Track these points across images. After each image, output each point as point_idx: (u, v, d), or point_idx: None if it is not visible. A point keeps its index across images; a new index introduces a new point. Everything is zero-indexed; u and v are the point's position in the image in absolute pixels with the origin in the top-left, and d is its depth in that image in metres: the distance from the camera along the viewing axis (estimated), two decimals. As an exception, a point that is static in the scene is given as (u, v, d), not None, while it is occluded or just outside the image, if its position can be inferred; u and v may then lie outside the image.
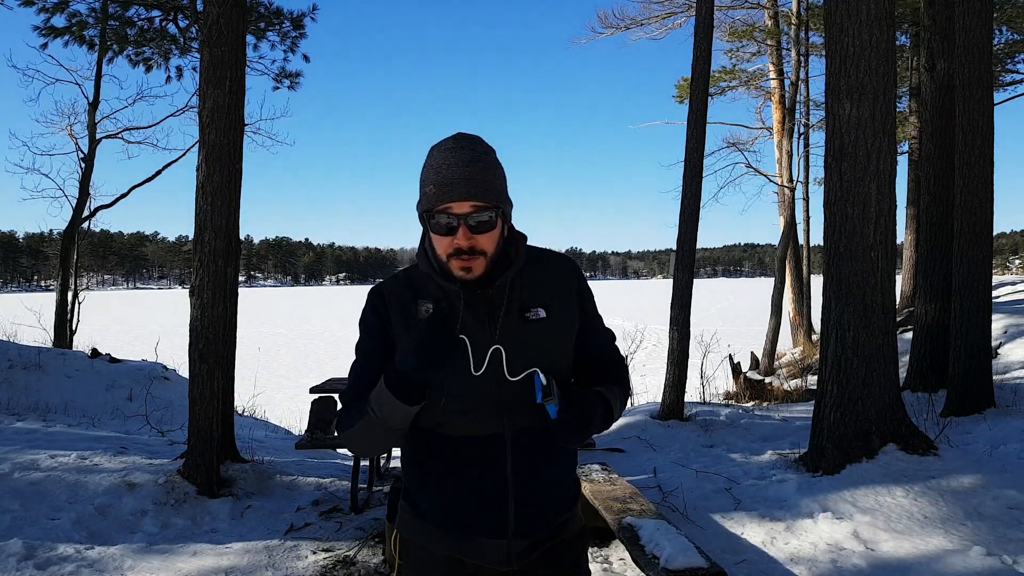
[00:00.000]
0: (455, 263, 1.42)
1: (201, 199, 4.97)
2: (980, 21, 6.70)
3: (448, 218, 1.40)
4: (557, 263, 1.60)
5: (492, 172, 1.44)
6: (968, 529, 4.01)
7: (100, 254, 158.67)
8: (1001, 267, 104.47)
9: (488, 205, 1.40)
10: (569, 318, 1.56)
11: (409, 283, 1.55)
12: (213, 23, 4.97)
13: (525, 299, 1.52)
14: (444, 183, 1.39)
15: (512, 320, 1.49)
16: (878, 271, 5.03)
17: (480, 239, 1.41)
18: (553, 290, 1.55)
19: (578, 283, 1.61)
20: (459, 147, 1.43)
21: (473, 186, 1.38)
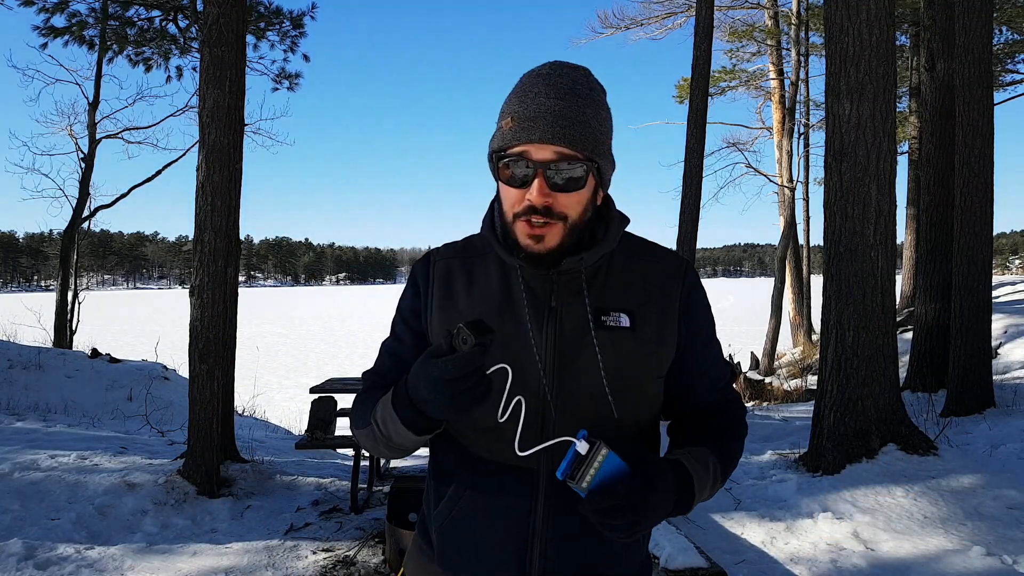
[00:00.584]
0: (522, 226, 1.08)
1: (201, 199, 4.97)
2: (980, 21, 6.70)
3: (523, 164, 1.06)
4: (661, 260, 1.21)
5: (594, 113, 1.08)
6: (968, 529, 4.01)
7: (100, 254, 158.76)
8: (1001, 267, 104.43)
9: (580, 156, 1.05)
10: (664, 336, 1.16)
11: (466, 251, 1.25)
12: (213, 23, 4.97)
13: (605, 297, 1.15)
14: (526, 116, 1.05)
15: (582, 320, 1.13)
16: (878, 271, 5.03)
17: (561, 199, 1.06)
18: (646, 294, 1.17)
19: (687, 293, 1.19)
20: (555, 74, 1.08)
21: (563, 125, 1.04)
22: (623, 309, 1.14)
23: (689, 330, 1.19)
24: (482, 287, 1.19)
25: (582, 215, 1.10)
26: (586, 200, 1.10)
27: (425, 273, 1.25)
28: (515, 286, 1.16)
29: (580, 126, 1.05)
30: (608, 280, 1.17)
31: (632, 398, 1.14)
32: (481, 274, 1.21)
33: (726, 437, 1.21)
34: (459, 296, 1.20)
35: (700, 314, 1.22)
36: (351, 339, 29.33)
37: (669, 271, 1.20)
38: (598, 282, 1.16)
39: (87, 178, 13.85)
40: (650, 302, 1.16)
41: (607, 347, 1.11)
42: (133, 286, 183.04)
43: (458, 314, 1.17)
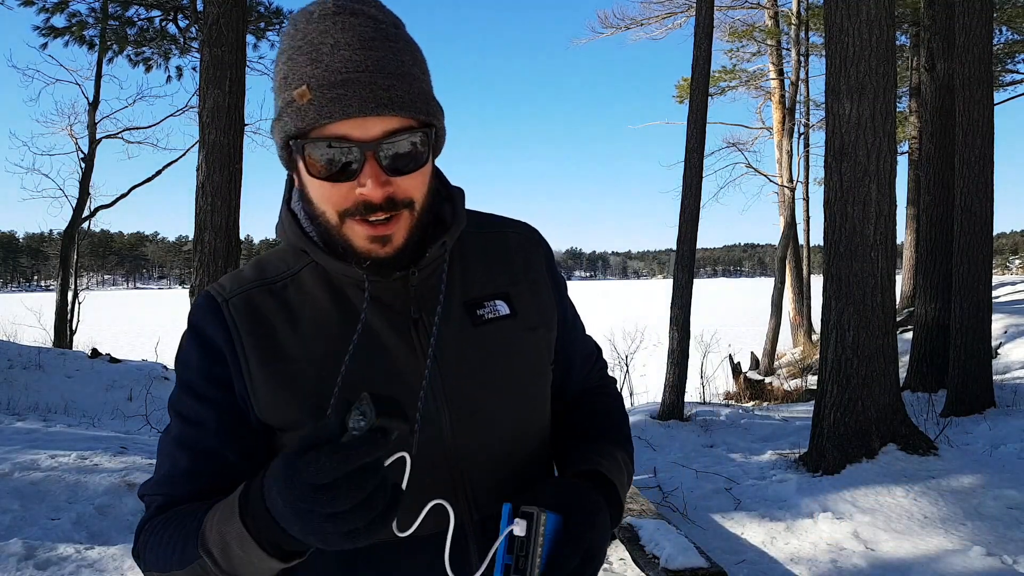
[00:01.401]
0: (360, 230, 0.81)
1: (201, 199, 4.97)
2: (980, 21, 6.70)
3: (343, 149, 0.78)
4: (512, 228, 1.02)
5: (412, 57, 0.82)
6: (968, 529, 4.01)
7: (100, 254, 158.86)
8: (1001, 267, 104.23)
9: (415, 122, 0.81)
10: (545, 313, 0.98)
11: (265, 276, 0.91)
12: (213, 23, 4.98)
13: (471, 286, 0.93)
14: (329, 82, 0.77)
15: (455, 323, 0.90)
16: (878, 271, 5.03)
17: (403, 183, 0.81)
18: (512, 271, 0.97)
19: (548, 260, 1.03)
20: (347, 14, 0.79)
21: (386, 84, 0.77)
22: (496, 294, 0.94)
23: (562, 304, 1.03)
24: (311, 319, 0.88)
25: (428, 196, 0.86)
26: (429, 176, 0.86)
27: (217, 320, 0.87)
28: (357, 303, 0.87)
29: (405, 81, 0.79)
30: (467, 266, 0.94)
31: (539, 398, 0.96)
32: (302, 303, 0.89)
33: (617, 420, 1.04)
34: (283, 340, 0.87)
35: (562, 283, 1.05)
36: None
37: (526, 239, 1.01)
38: (456, 272, 0.93)
39: (87, 178, 13.86)
40: (517, 278, 0.97)
41: (496, 345, 0.91)
42: (133, 286, 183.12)
43: (294, 364, 0.86)
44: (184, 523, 0.81)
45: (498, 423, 0.90)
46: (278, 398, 0.85)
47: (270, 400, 0.86)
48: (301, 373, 0.85)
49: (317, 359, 0.86)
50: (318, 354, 0.86)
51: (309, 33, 0.79)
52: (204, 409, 0.87)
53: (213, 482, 0.85)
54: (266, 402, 0.86)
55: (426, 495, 0.77)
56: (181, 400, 0.89)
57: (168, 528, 0.83)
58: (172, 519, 0.83)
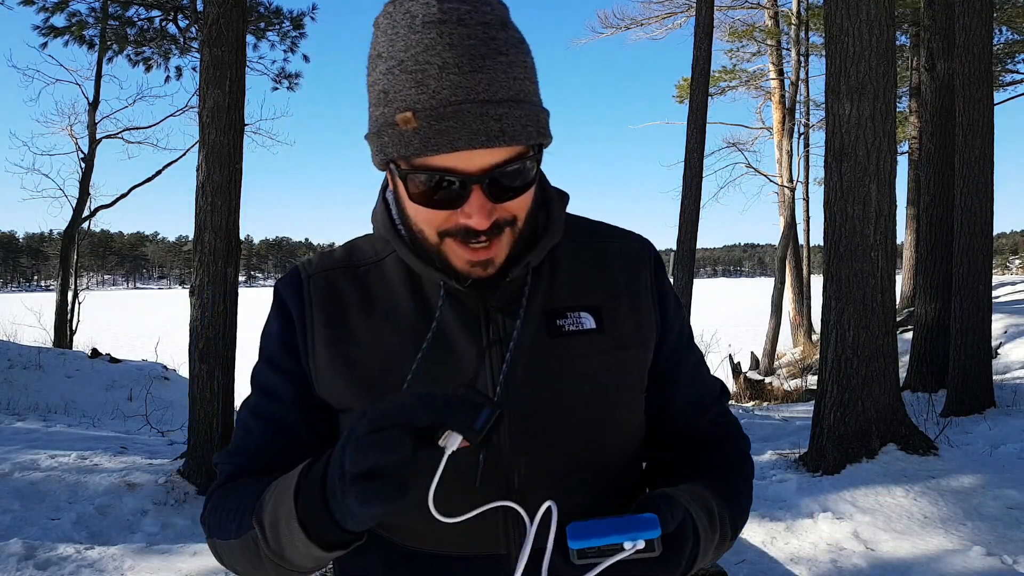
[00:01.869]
0: (461, 252, 0.78)
1: (201, 199, 4.97)
2: (980, 21, 6.70)
3: (449, 180, 0.74)
4: (618, 239, 0.95)
5: (523, 68, 0.76)
6: (968, 529, 4.01)
7: (100, 254, 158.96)
8: (1001, 267, 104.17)
9: (526, 150, 0.76)
10: (643, 334, 0.89)
11: (352, 259, 0.92)
12: (213, 23, 4.97)
13: (556, 296, 0.87)
14: (435, 112, 0.71)
15: (531, 332, 0.85)
16: (878, 271, 5.03)
17: (508, 205, 0.77)
18: (609, 283, 0.90)
19: (655, 277, 0.93)
20: (454, 22, 0.72)
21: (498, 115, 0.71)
22: (583, 307, 0.87)
23: (666, 324, 0.92)
24: (386, 308, 0.87)
25: (531, 210, 0.82)
26: (534, 192, 0.82)
27: (297, 295, 0.89)
28: (433, 300, 0.86)
29: (518, 106, 0.73)
30: (556, 274, 0.89)
31: (618, 424, 0.88)
32: (381, 290, 0.88)
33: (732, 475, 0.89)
34: (354, 323, 0.86)
35: (672, 305, 0.94)
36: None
37: (631, 251, 0.94)
38: (543, 280, 0.88)
39: (87, 178, 13.86)
40: (616, 292, 0.90)
41: (573, 360, 0.84)
42: (133, 286, 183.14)
43: (356, 349, 0.85)
44: (248, 494, 0.80)
45: (562, 441, 0.83)
46: (336, 379, 0.85)
47: (328, 380, 0.86)
48: (362, 359, 0.85)
49: (382, 347, 0.85)
50: (383, 343, 0.85)
51: (412, 46, 0.72)
52: (280, 381, 0.88)
53: (283, 455, 0.84)
54: (324, 381, 0.86)
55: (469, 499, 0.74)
56: (261, 371, 0.90)
57: (233, 496, 0.83)
58: (238, 489, 0.84)
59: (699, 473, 0.86)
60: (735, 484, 0.89)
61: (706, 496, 0.80)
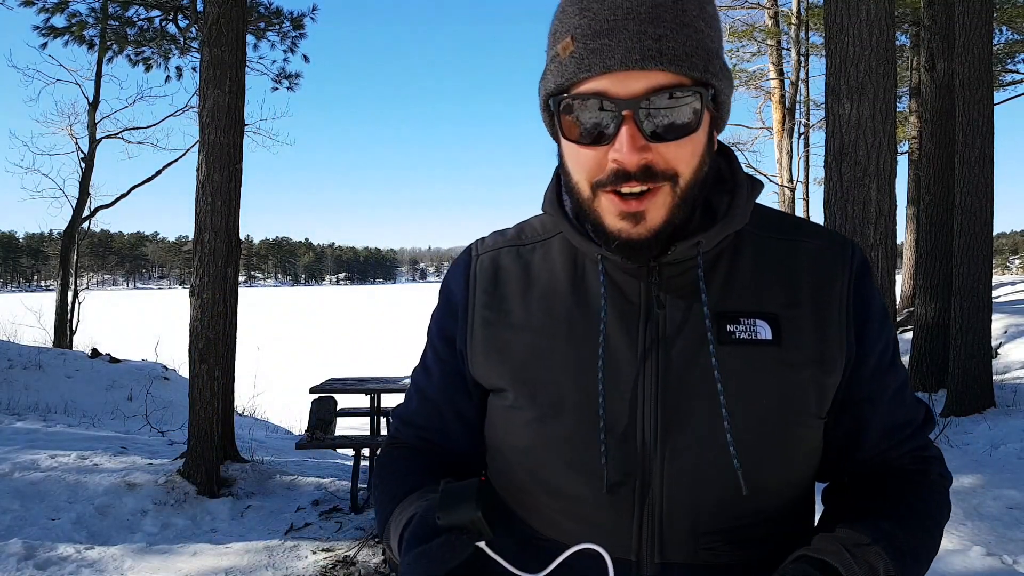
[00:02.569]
0: (610, 201, 0.73)
1: (201, 199, 4.97)
2: (980, 21, 6.70)
3: (599, 107, 0.70)
4: (814, 239, 0.83)
5: (696, 9, 0.71)
6: (968, 529, 4.01)
7: (100, 254, 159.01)
8: (1001, 267, 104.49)
9: (687, 80, 0.69)
10: (827, 351, 0.78)
11: (520, 238, 0.89)
12: (213, 23, 4.97)
13: (731, 297, 0.79)
14: (593, 31, 0.69)
15: (697, 333, 0.77)
16: (878, 271, 5.03)
17: (666, 151, 0.70)
18: (794, 289, 0.79)
19: (856, 286, 0.81)
20: None
21: (656, 34, 0.67)
22: (760, 313, 0.77)
23: (862, 344, 0.80)
24: (544, 288, 0.84)
25: (697, 172, 0.73)
26: (702, 148, 0.73)
27: (463, 275, 0.88)
28: (592, 285, 0.81)
29: (684, 31, 0.68)
30: (734, 272, 0.80)
31: (782, 452, 0.77)
32: (542, 268, 0.85)
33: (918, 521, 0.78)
34: (512, 304, 0.84)
35: (875, 320, 0.81)
36: (351, 339, 29.35)
37: (829, 254, 0.81)
38: (718, 275, 0.80)
39: (87, 178, 13.86)
40: (801, 301, 0.79)
41: (737, 373, 0.75)
42: (133, 286, 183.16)
43: (511, 329, 0.83)
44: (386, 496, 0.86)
45: (717, 463, 0.75)
46: (489, 360, 0.84)
47: (482, 360, 0.85)
48: (515, 341, 0.83)
49: (534, 330, 0.82)
50: (536, 326, 0.82)
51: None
52: (435, 360, 0.91)
53: (432, 433, 0.92)
54: (478, 361, 0.85)
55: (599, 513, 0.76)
56: (427, 344, 0.94)
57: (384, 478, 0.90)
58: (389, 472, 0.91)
59: (879, 518, 0.76)
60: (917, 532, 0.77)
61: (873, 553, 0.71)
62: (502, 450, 0.86)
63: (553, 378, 0.79)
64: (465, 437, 0.90)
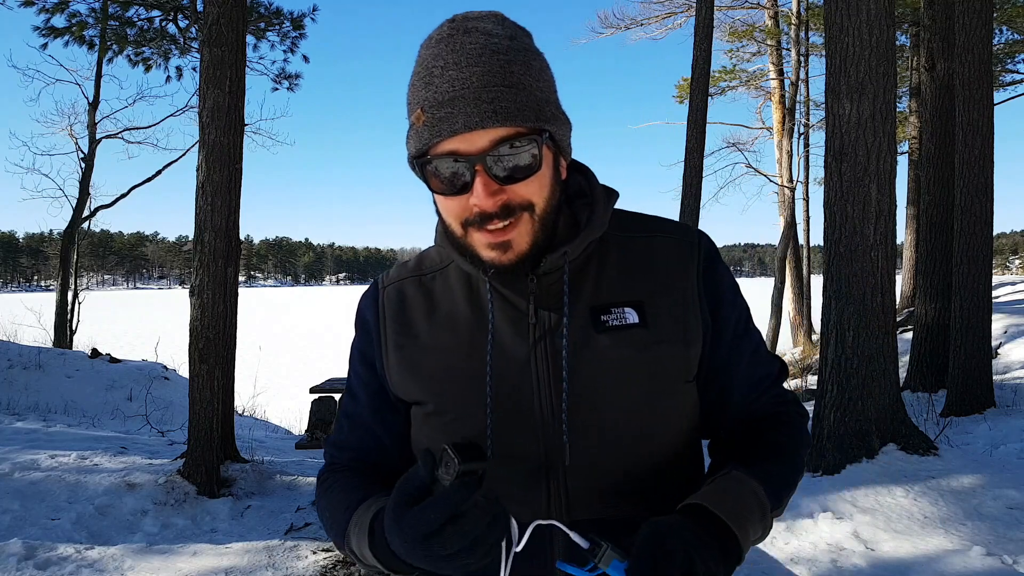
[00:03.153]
0: (479, 238, 0.85)
1: (201, 199, 4.97)
2: (980, 21, 6.70)
3: (454, 164, 0.82)
4: (668, 234, 0.97)
5: (524, 68, 0.83)
6: (968, 529, 4.01)
7: (100, 254, 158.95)
8: (1001, 267, 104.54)
9: (523, 129, 0.81)
10: (688, 328, 0.93)
11: (421, 267, 1.02)
12: (213, 23, 4.97)
13: (602, 292, 0.92)
14: (438, 102, 0.81)
15: (576, 327, 0.90)
16: (878, 271, 5.03)
17: (518, 189, 0.83)
18: (654, 278, 0.93)
19: (706, 268, 0.96)
20: (457, 33, 0.83)
21: (489, 98, 0.80)
22: (627, 302, 0.91)
23: (716, 316, 0.95)
24: (446, 309, 0.97)
25: (549, 199, 0.87)
26: (549, 180, 0.86)
27: (373, 306, 1.01)
28: (485, 302, 0.93)
29: (512, 91, 0.81)
30: (603, 271, 0.94)
31: (661, 414, 0.92)
32: (443, 293, 0.98)
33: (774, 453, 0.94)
34: (419, 328, 0.97)
35: (727, 295, 0.97)
36: (351, 339, 29.31)
37: (679, 245, 0.96)
38: (590, 275, 0.93)
39: (87, 178, 13.86)
40: (660, 288, 0.93)
41: (616, 353, 0.89)
42: (133, 286, 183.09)
43: (420, 351, 0.95)
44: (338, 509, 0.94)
45: (607, 433, 0.89)
46: (404, 378, 0.97)
47: (398, 379, 0.97)
48: (425, 358, 0.95)
49: (441, 348, 0.95)
50: (443, 344, 0.95)
51: (426, 58, 0.84)
52: (360, 385, 1.02)
53: (366, 453, 1.02)
54: (396, 380, 0.98)
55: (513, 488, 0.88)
56: (349, 373, 1.05)
57: (330, 497, 0.98)
58: (333, 490, 0.98)
59: (752, 457, 0.92)
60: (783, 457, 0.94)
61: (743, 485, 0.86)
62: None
63: (460, 385, 0.92)
64: (398, 450, 1.01)
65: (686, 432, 0.96)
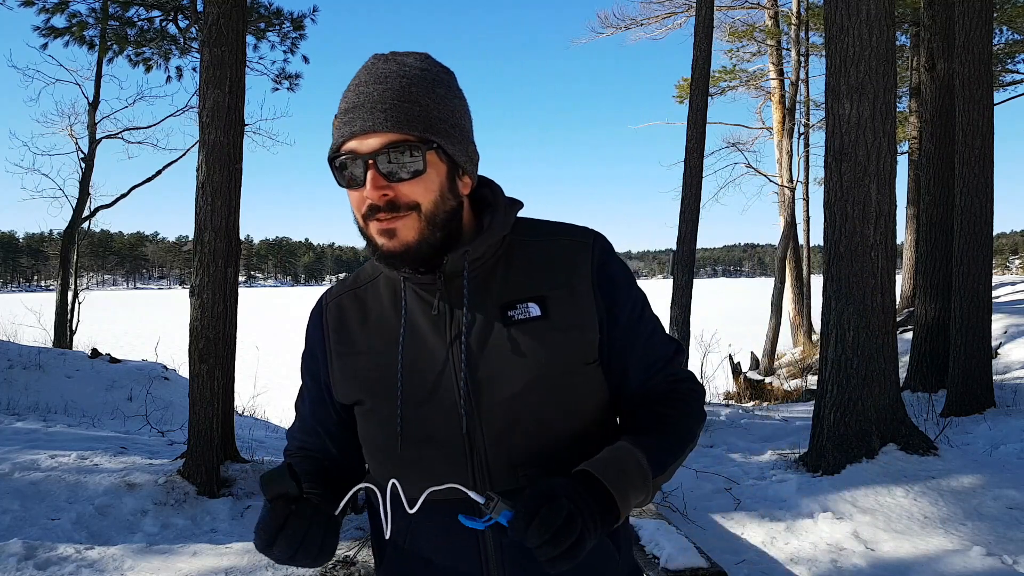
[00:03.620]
0: (373, 226, 0.99)
1: (201, 199, 4.97)
2: (980, 21, 6.70)
3: (352, 162, 0.96)
4: (565, 236, 1.10)
5: (426, 91, 0.98)
6: (968, 529, 4.01)
7: (100, 254, 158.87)
8: (1001, 267, 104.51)
9: (410, 137, 0.95)
10: (581, 316, 1.05)
11: (356, 282, 1.16)
12: (213, 23, 4.97)
13: (508, 289, 1.05)
14: (345, 110, 0.97)
15: (487, 321, 1.03)
16: (878, 271, 5.03)
17: (403, 189, 0.96)
18: (554, 276, 1.06)
19: (598, 264, 1.08)
20: (381, 61, 1.00)
21: (384, 108, 0.95)
22: (531, 298, 1.03)
23: (609, 306, 1.07)
24: (376, 314, 1.10)
25: (437, 202, 0.99)
26: (437, 185, 0.98)
27: (318, 323, 1.16)
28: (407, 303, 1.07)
29: (406, 105, 0.95)
30: (510, 271, 1.06)
31: (565, 396, 1.03)
32: (373, 301, 1.12)
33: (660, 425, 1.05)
34: (355, 336, 1.11)
35: (621, 287, 1.09)
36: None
37: (575, 246, 1.08)
38: (498, 275, 1.06)
39: (87, 178, 13.86)
40: (559, 283, 1.05)
41: (523, 343, 1.01)
42: (133, 286, 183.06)
43: (355, 356, 1.10)
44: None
45: (518, 412, 1.01)
46: (346, 383, 1.11)
47: (340, 386, 1.12)
48: (363, 363, 1.09)
49: (374, 350, 1.09)
50: (376, 346, 1.09)
51: (353, 79, 1.01)
52: (306, 391, 1.19)
53: (311, 445, 1.20)
54: (338, 387, 1.13)
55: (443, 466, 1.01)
56: (301, 378, 1.21)
57: None
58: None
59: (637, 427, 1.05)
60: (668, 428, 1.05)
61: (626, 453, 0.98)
62: (371, 445, 1.12)
63: (385, 382, 1.06)
64: (335, 446, 1.18)
65: (592, 411, 1.07)
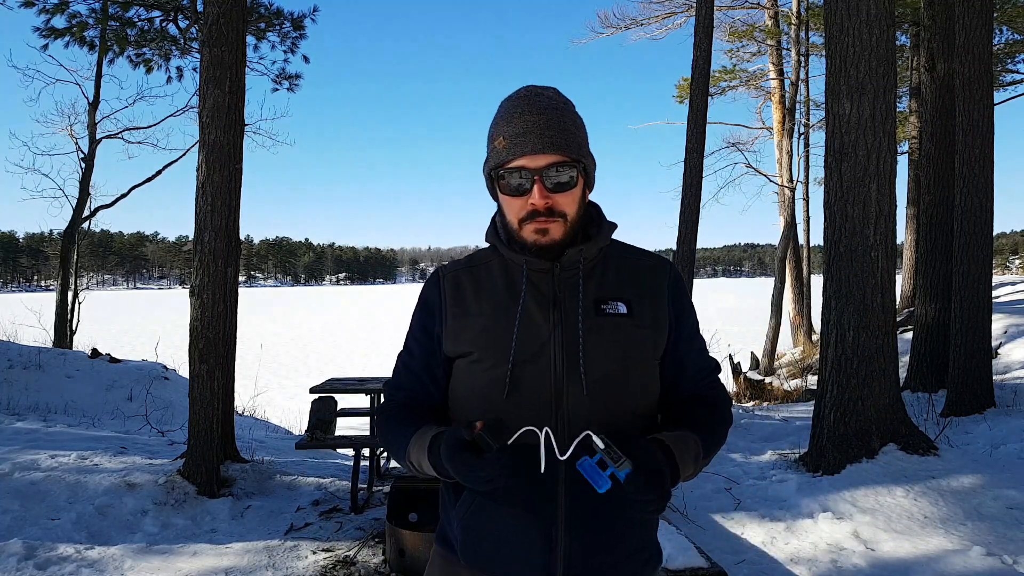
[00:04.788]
0: (529, 227, 1.26)
1: (201, 199, 4.97)
2: (980, 21, 6.70)
3: (521, 175, 1.24)
4: (648, 258, 1.39)
5: (572, 121, 1.27)
6: (968, 529, 4.01)
7: (100, 254, 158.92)
8: (1001, 267, 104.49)
9: (568, 159, 1.24)
10: (657, 322, 1.32)
11: (471, 263, 1.40)
12: (213, 23, 4.97)
13: (603, 289, 1.31)
14: (516, 134, 1.24)
15: (584, 309, 1.28)
16: (878, 271, 5.03)
17: (559, 199, 1.24)
18: (639, 286, 1.34)
19: (672, 284, 1.37)
20: (532, 95, 1.28)
21: (550, 135, 1.23)
22: (620, 299, 1.30)
23: (677, 318, 1.35)
24: (489, 290, 1.34)
25: (578, 212, 1.29)
26: (579, 198, 1.29)
27: (436, 288, 1.39)
28: (519, 285, 1.31)
29: (564, 134, 1.24)
30: (605, 275, 1.33)
31: (635, 379, 1.29)
32: (487, 280, 1.36)
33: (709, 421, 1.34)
34: (470, 302, 1.34)
35: (686, 305, 1.39)
36: (351, 339, 29.32)
37: (656, 266, 1.38)
38: (596, 276, 1.32)
39: (87, 178, 13.85)
40: (643, 293, 1.33)
41: (609, 331, 1.27)
42: (133, 286, 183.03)
43: (469, 317, 1.33)
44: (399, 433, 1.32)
45: (599, 383, 1.25)
46: (457, 337, 1.33)
47: (453, 339, 1.33)
48: (474, 324, 1.31)
49: (484, 315, 1.31)
50: (486, 312, 1.31)
51: (508, 107, 1.28)
52: (416, 345, 1.40)
53: (416, 393, 1.40)
54: (451, 340, 1.34)
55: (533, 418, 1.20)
56: (409, 335, 1.42)
57: (390, 425, 1.36)
58: (393, 419, 1.37)
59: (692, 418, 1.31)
60: (714, 424, 1.35)
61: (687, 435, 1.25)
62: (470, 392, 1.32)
63: (495, 341, 1.28)
64: (438, 394, 1.39)
65: (649, 398, 1.33)
